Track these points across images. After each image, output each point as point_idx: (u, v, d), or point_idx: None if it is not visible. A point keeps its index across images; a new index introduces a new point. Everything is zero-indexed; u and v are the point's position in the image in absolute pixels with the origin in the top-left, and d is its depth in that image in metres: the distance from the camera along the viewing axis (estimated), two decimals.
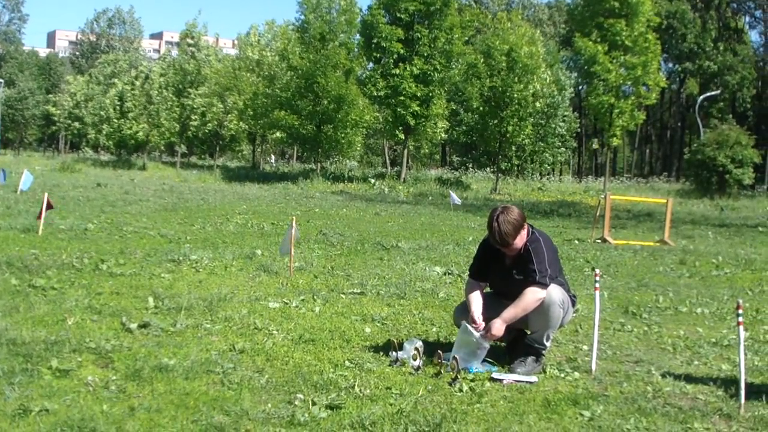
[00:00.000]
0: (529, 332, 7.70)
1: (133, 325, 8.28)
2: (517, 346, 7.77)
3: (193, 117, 69.75)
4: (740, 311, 6.57)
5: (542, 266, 7.46)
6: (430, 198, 43.52)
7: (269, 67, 66.93)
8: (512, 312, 7.44)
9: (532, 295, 7.41)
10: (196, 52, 71.35)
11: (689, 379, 7.53)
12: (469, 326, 7.52)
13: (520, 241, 7.54)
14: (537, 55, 54.92)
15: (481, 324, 7.60)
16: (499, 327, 7.42)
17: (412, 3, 54.11)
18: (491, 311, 7.73)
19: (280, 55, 64.80)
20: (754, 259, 18.75)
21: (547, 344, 7.65)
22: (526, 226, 7.59)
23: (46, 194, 16.51)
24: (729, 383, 7.35)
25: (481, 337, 7.46)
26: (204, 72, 70.44)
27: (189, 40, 72.57)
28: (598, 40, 53.94)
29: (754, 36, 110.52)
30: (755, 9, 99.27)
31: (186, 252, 14.19)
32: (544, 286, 7.44)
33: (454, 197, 33.32)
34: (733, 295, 12.72)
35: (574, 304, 7.97)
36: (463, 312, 7.96)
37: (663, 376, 7.53)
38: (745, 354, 6.94)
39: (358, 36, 58.72)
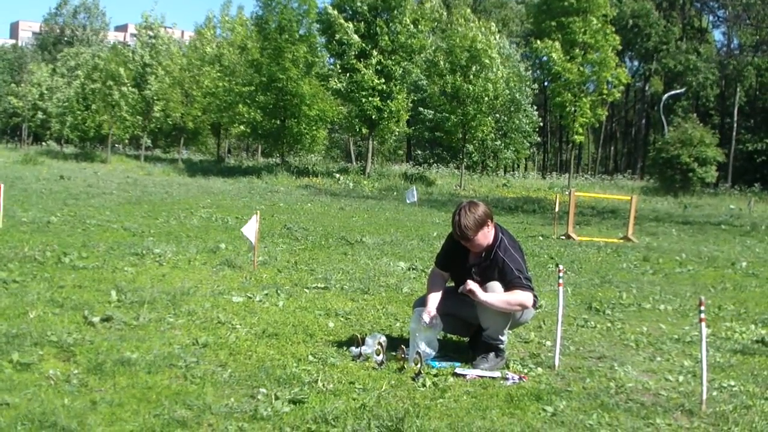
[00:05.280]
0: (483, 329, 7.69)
1: (96, 319, 8.23)
2: (479, 341, 7.76)
3: (155, 108, 69.15)
4: (702, 308, 6.61)
5: (523, 273, 7.51)
6: (395, 193, 43.50)
7: (229, 62, 66.52)
8: (497, 297, 7.41)
9: (521, 295, 7.43)
10: (155, 43, 70.62)
11: (652, 375, 7.61)
12: (422, 315, 7.55)
13: (483, 238, 7.52)
14: (492, 47, 55.05)
15: (433, 315, 7.59)
16: (474, 290, 7.34)
17: None
18: (450, 306, 7.78)
19: (240, 47, 64.72)
20: (717, 256, 18.94)
21: (503, 339, 7.63)
22: (491, 224, 7.56)
23: (1, 185, 16.32)
24: (691, 379, 7.41)
25: (429, 322, 7.49)
26: (164, 63, 69.82)
27: (148, 32, 71.81)
28: (558, 38, 54.22)
29: (717, 35, 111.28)
30: (718, 9, 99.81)
31: (149, 245, 14.12)
32: (530, 289, 7.48)
33: (411, 194, 33.12)
34: (695, 292, 12.82)
35: (535, 303, 7.96)
36: (420, 305, 7.95)
37: (626, 372, 7.57)
38: (707, 350, 6.97)
39: (317, 30, 58.38)
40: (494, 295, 7.40)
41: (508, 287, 7.46)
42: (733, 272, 16.38)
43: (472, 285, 7.32)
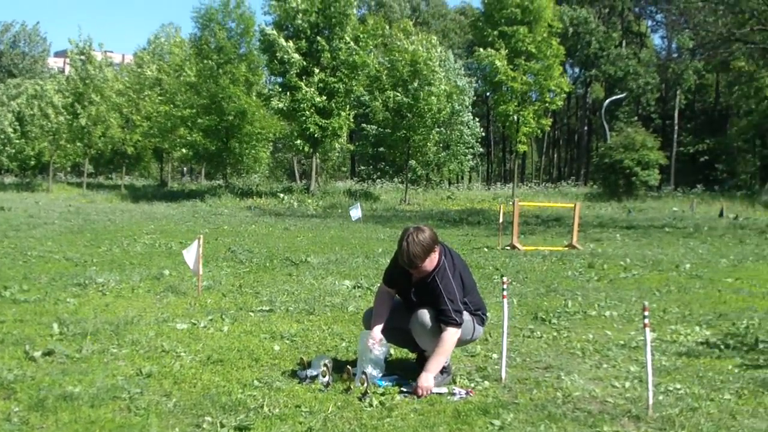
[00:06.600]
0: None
1: (37, 353, 8.11)
2: (425, 358, 7.74)
3: (94, 134, 68.49)
4: (646, 313, 6.65)
5: (455, 304, 7.40)
6: (340, 210, 43.49)
7: (169, 85, 66.11)
8: (436, 361, 7.35)
9: (450, 339, 7.37)
10: (88, 68, 69.89)
11: (598, 382, 7.65)
12: (367, 338, 7.53)
13: (429, 264, 7.47)
14: (434, 60, 55.40)
15: (379, 339, 7.58)
16: (426, 382, 7.23)
17: (309, 16, 54.20)
18: (397, 320, 7.76)
19: (176, 70, 64.52)
20: (661, 259, 19.12)
21: (447, 358, 7.61)
22: (437, 249, 7.52)
23: None
24: (637, 384, 7.45)
25: (377, 351, 7.46)
26: (100, 87, 69.17)
27: (80, 57, 71.03)
28: (501, 48, 54.69)
29: (656, 40, 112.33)
30: (656, 13, 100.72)
31: (92, 275, 14.02)
32: (458, 324, 7.42)
33: (355, 211, 33.08)
34: (640, 297, 12.93)
35: (483, 321, 7.95)
36: (369, 318, 7.96)
37: (572, 380, 7.60)
38: (653, 355, 7.02)
39: (258, 49, 58.40)
40: (434, 360, 7.36)
41: (437, 315, 7.43)
42: (678, 275, 16.56)
43: (420, 391, 7.24)
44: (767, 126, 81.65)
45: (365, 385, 6.99)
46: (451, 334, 7.36)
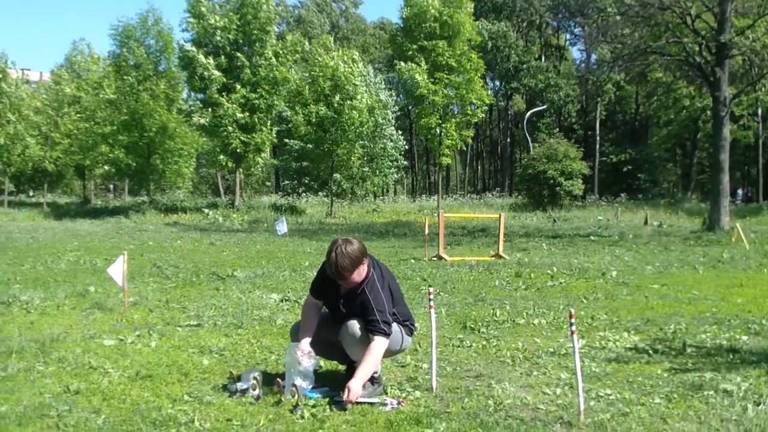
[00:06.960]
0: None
1: None
2: (355, 369, 7.70)
3: (13, 152, 67.53)
4: (573, 320, 6.67)
5: (384, 315, 7.41)
6: (265, 225, 43.35)
7: (88, 102, 65.32)
8: (365, 368, 7.29)
9: (379, 348, 7.35)
10: (5, 87, 68.74)
11: (529, 389, 7.63)
12: (295, 351, 7.47)
13: (357, 276, 7.46)
14: (355, 75, 55.44)
15: (307, 352, 7.52)
16: (356, 387, 7.16)
17: (228, 33, 54.07)
18: (326, 333, 7.73)
19: (94, 87, 63.88)
20: (587, 267, 19.23)
21: (378, 367, 7.60)
22: (365, 261, 7.52)
23: None
24: (568, 391, 7.45)
25: (306, 363, 7.41)
26: (17, 104, 68.12)
27: None
28: (421, 63, 54.95)
29: (575, 53, 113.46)
30: (574, 27, 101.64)
31: (16, 293, 13.80)
32: (387, 334, 7.42)
33: (281, 225, 32.99)
34: (568, 305, 13.00)
35: (412, 332, 7.95)
36: (297, 332, 7.89)
37: (503, 389, 7.58)
38: (582, 361, 7.03)
39: (178, 66, 58.02)
40: (363, 368, 7.31)
41: (366, 326, 7.43)
42: (604, 282, 16.67)
43: (349, 395, 7.21)
44: (686, 135, 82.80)
45: (296, 397, 6.93)
46: (379, 344, 7.34)
